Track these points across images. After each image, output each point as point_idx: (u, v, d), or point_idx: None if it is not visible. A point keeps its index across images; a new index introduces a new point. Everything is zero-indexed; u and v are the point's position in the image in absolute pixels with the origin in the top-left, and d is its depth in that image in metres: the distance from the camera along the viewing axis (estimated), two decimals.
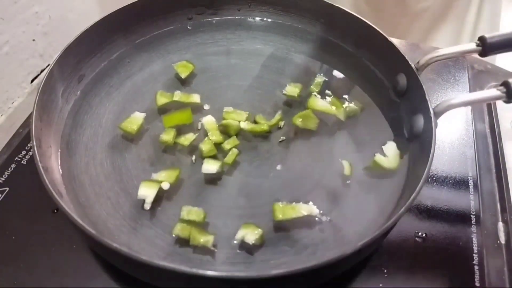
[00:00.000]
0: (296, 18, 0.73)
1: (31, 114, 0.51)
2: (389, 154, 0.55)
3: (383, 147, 0.56)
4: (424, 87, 0.55)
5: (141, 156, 0.55)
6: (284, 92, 0.63)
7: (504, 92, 0.51)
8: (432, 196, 0.56)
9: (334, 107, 0.60)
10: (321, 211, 0.50)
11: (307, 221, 0.50)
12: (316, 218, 0.50)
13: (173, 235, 0.48)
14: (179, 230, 0.48)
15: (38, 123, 0.51)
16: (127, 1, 0.66)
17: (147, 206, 0.50)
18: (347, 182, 0.54)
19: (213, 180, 0.53)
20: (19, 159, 0.58)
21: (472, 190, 0.57)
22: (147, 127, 0.58)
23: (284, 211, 0.49)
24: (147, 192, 0.50)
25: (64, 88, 0.59)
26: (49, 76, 0.55)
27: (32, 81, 0.67)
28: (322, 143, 0.58)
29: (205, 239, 0.47)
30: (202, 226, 0.49)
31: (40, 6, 0.65)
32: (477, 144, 0.63)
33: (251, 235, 0.47)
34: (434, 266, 0.50)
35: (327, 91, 0.63)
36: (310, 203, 0.51)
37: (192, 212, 0.49)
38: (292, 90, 0.62)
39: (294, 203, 0.50)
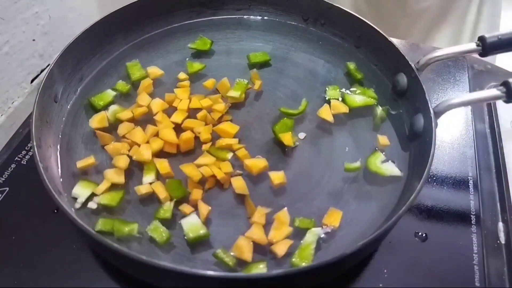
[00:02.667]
0: (296, 18, 0.73)
1: (31, 114, 0.51)
2: (386, 165, 0.55)
3: (387, 162, 0.55)
4: (424, 87, 0.55)
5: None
6: (327, 97, 0.62)
7: (504, 92, 0.51)
8: (432, 196, 0.56)
9: (370, 98, 0.61)
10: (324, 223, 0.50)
11: None
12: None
13: (96, 231, 0.47)
14: (101, 224, 0.48)
15: (38, 123, 0.51)
16: (127, 1, 0.66)
17: (77, 205, 0.50)
18: (347, 182, 0.54)
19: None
20: (19, 159, 0.58)
21: (472, 190, 0.57)
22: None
23: (301, 256, 0.47)
24: (80, 192, 0.50)
25: (64, 88, 0.59)
26: (49, 76, 0.55)
27: (32, 81, 0.67)
28: (322, 145, 0.58)
29: (129, 228, 0.47)
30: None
31: (40, 6, 0.65)
32: (477, 144, 0.63)
33: (257, 270, 0.45)
34: (434, 266, 0.50)
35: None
36: (313, 229, 0.49)
37: (157, 230, 0.48)
38: (333, 93, 0.63)
39: (301, 241, 0.48)
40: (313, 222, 0.49)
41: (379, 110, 0.61)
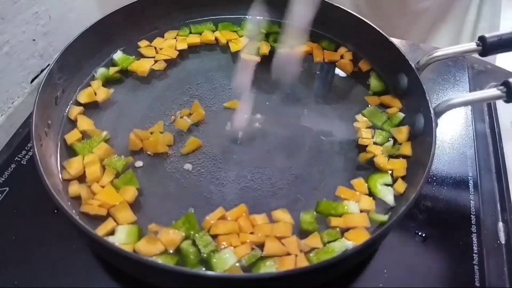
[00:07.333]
0: None
1: (31, 114, 0.51)
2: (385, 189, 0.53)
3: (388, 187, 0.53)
4: (424, 87, 0.55)
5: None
6: (370, 92, 0.63)
7: (504, 92, 0.51)
8: (432, 196, 0.56)
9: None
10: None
11: None
12: None
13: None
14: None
15: (38, 123, 0.51)
16: (127, 1, 0.66)
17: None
18: (348, 182, 0.54)
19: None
20: (19, 159, 0.58)
21: (472, 190, 0.57)
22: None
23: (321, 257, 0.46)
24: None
25: (64, 88, 0.59)
26: (49, 76, 0.55)
27: (32, 81, 0.67)
28: (323, 147, 0.58)
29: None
30: None
31: (40, 6, 0.65)
32: (477, 144, 0.63)
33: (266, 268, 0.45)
34: (434, 266, 0.50)
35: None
36: (344, 240, 0.47)
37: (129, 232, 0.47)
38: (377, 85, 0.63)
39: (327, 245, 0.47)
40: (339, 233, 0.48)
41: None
